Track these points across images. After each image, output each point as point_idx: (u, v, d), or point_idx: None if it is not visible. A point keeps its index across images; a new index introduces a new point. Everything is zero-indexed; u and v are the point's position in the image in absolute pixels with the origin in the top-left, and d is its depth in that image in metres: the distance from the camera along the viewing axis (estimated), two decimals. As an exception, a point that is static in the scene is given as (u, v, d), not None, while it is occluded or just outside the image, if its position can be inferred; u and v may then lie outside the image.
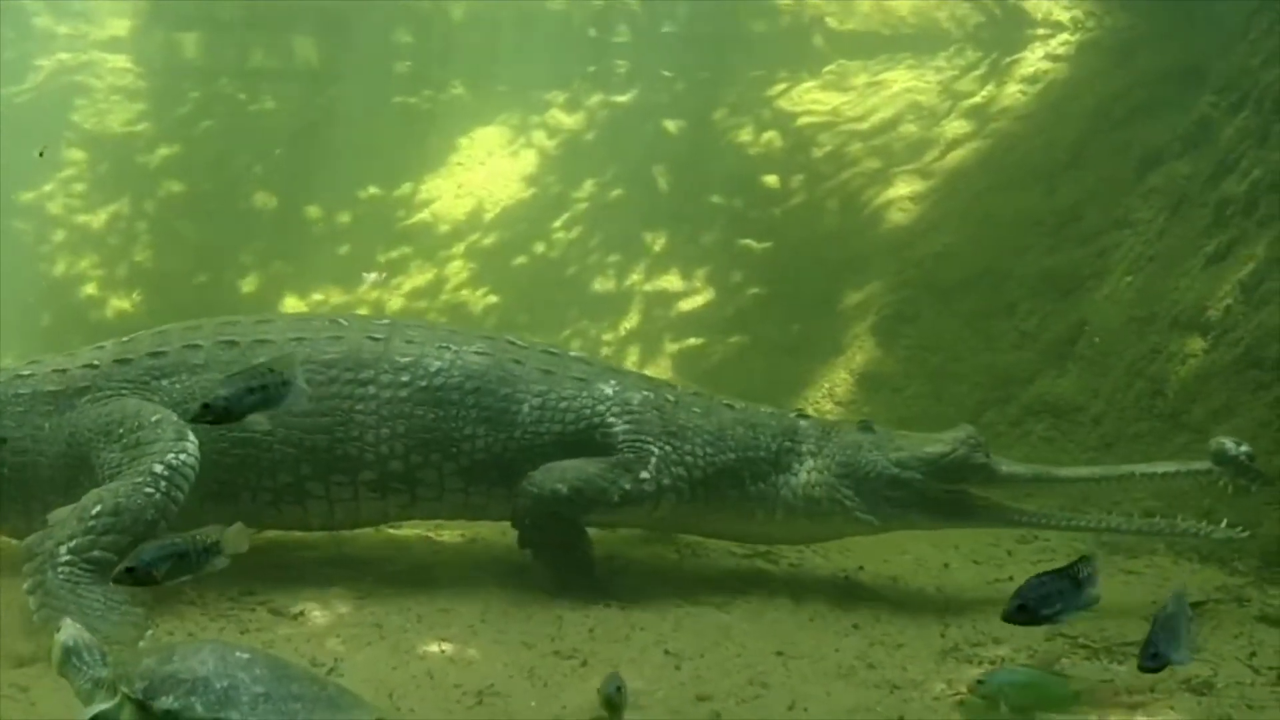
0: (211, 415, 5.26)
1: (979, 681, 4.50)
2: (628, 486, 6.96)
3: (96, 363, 7.12)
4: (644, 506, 7.07)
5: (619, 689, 4.82)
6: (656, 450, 7.06)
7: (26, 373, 7.20)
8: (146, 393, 6.91)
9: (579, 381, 7.19)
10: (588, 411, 7.10)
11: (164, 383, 6.95)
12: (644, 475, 6.99)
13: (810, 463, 7.25)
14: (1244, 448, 6.71)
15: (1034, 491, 7.88)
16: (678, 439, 7.13)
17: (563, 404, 7.09)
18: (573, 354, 7.62)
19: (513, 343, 7.39)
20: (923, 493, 7.11)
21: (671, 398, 7.31)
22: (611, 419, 7.09)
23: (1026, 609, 4.55)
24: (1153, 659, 4.18)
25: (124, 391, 6.94)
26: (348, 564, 7.45)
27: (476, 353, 7.17)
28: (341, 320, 7.36)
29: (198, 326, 7.28)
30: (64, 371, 7.12)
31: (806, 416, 7.64)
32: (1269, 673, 5.92)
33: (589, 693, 5.59)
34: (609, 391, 7.19)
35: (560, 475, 6.92)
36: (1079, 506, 8.23)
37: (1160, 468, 7.15)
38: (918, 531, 7.60)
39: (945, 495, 7.15)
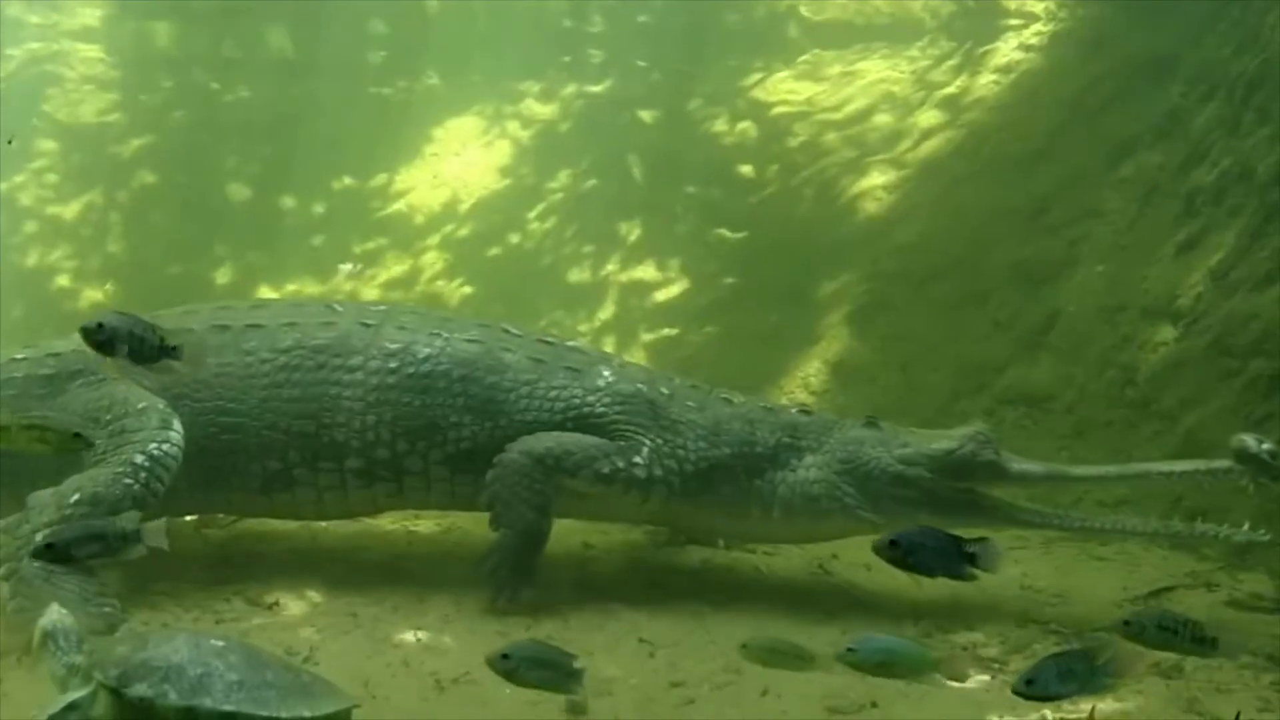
0: (101, 334, 5.26)
1: (849, 650, 4.63)
2: (620, 464, 6.80)
3: None
4: (633, 495, 6.89)
5: (505, 656, 4.65)
6: (648, 443, 6.90)
7: (21, 356, 7.13)
8: (138, 376, 6.82)
9: (571, 372, 7.05)
10: (577, 402, 6.96)
11: None
12: (637, 460, 6.85)
13: (810, 459, 6.99)
14: (1266, 445, 6.36)
15: (1043, 490, 7.71)
16: (670, 432, 6.96)
17: (552, 394, 6.96)
18: (569, 344, 7.45)
19: (507, 331, 7.25)
20: (929, 491, 6.83)
21: (666, 391, 7.12)
22: (602, 409, 6.95)
23: (897, 546, 4.69)
24: (1026, 685, 4.22)
25: (116, 375, 6.85)
26: (322, 553, 7.45)
27: (467, 340, 7.06)
28: (337, 306, 7.28)
29: (194, 311, 7.22)
30: (58, 355, 7.04)
31: (808, 412, 7.37)
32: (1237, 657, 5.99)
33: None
34: (601, 383, 7.04)
35: (551, 437, 6.79)
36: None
37: (1179, 466, 6.80)
38: None
39: (953, 494, 6.85)
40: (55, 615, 4.58)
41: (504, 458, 6.71)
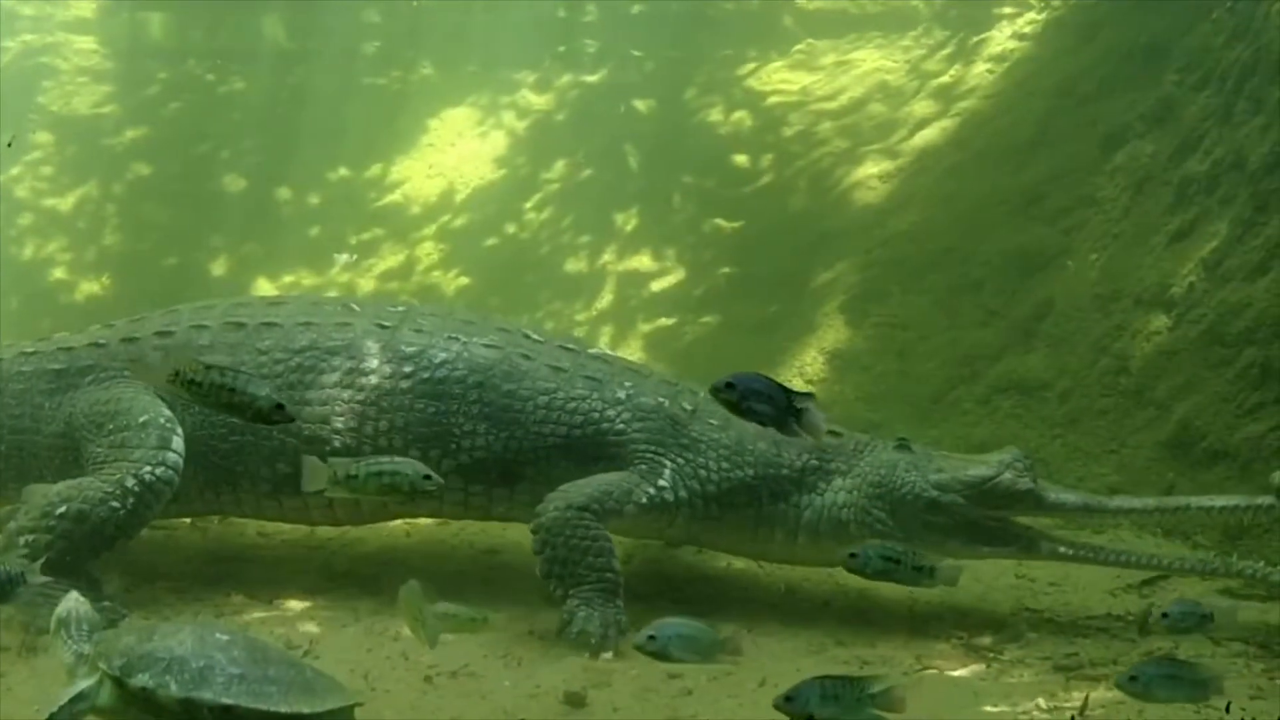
0: None
1: (649, 637, 4.73)
2: (651, 491, 6.58)
3: (103, 341, 6.94)
4: (662, 517, 6.70)
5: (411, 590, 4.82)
6: (669, 464, 6.68)
7: (31, 350, 7.05)
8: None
9: (591, 381, 6.81)
10: (596, 415, 6.72)
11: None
12: (662, 483, 6.62)
13: (839, 482, 6.73)
14: None
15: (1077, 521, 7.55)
16: (691, 451, 6.72)
17: (570, 405, 6.73)
18: (592, 351, 7.20)
19: (528, 336, 7.03)
20: (963, 518, 6.56)
21: (689, 406, 6.82)
22: (621, 425, 6.72)
23: (733, 388, 4.71)
24: (785, 701, 4.19)
25: (127, 373, 6.74)
26: (321, 547, 7.49)
27: (485, 345, 6.83)
28: (354, 305, 7.11)
29: (210, 307, 7.11)
30: (70, 350, 6.95)
31: (838, 433, 6.92)
32: (1230, 644, 6.06)
33: (563, 672, 5.68)
34: (621, 395, 6.78)
35: (581, 487, 6.50)
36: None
37: (1219, 501, 6.60)
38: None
39: (987, 522, 6.60)
40: (72, 602, 4.61)
41: (544, 521, 6.39)
